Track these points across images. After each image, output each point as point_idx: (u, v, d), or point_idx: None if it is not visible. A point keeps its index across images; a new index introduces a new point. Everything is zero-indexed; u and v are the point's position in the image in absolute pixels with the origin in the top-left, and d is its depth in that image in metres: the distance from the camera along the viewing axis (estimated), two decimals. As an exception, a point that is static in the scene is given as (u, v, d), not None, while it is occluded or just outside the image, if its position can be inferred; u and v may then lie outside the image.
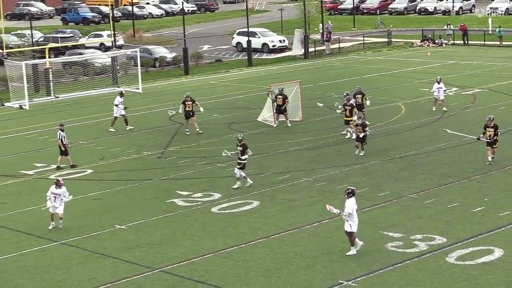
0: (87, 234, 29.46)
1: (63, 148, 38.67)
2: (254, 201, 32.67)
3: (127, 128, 47.13)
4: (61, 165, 38.86)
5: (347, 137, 41.68)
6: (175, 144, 43.16)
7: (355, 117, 40.85)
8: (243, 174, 34.20)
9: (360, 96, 45.19)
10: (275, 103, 46.00)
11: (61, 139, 38.54)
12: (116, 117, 47.31)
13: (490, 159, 36.65)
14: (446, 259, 25.69)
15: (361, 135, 37.10)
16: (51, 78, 61.45)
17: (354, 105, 42.47)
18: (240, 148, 34.06)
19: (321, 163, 38.07)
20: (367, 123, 39.99)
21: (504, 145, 39.63)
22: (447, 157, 38.12)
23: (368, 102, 41.16)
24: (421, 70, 66.56)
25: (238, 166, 34.16)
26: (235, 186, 34.19)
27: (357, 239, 26.19)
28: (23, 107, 56.75)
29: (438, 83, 48.88)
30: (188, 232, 29.36)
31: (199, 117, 45.73)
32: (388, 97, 54.35)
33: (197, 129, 44.94)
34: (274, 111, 46.19)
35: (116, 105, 47.25)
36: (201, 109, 46.01)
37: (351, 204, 25.95)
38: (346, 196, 26.23)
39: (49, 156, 40.89)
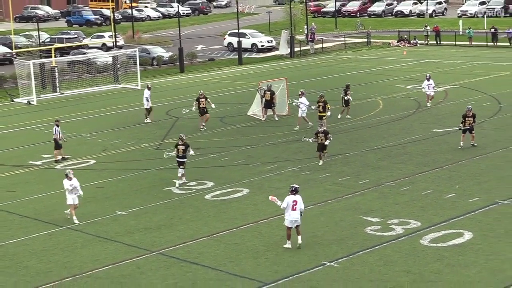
0: (90, 220, 29.45)
1: (59, 142, 38.53)
2: (244, 189, 32.68)
3: (145, 121, 47.48)
4: (66, 156, 38.78)
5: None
6: (171, 136, 43.08)
7: (328, 113, 40.90)
8: (182, 172, 33.40)
9: (348, 91, 45.63)
10: (263, 98, 46.01)
11: (56, 134, 38.42)
12: (147, 109, 47.71)
13: (462, 144, 37.27)
14: (420, 242, 25.75)
15: (326, 142, 34.73)
16: (56, 76, 61.42)
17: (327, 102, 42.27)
18: (183, 147, 33.23)
19: (306, 154, 38.05)
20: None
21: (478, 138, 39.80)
22: (421, 148, 38.19)
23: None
24: (397, 68, 66.64)
25: (181, 166, 33.33)
26: (176, 185, 33.23)
27: (290, 241, 25.51)
28: (31, 102, 56.67)
29: (428, 80, 48.82)
30: (184, 217, 29.36)
31: (194, 112, 45.63)
32: (367, 93, 54.40)
33: (202, 126, 44.57)
34: (263, 106, 46.22)
35: (146, 98, 47.45)
36: (213, 105, 45.71)
37: (287, 200, 25.37)
38: (289, 192, 25.64)
39: (55, 148, 40.88)
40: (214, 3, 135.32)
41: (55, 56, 65.44)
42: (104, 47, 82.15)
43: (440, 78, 58.64)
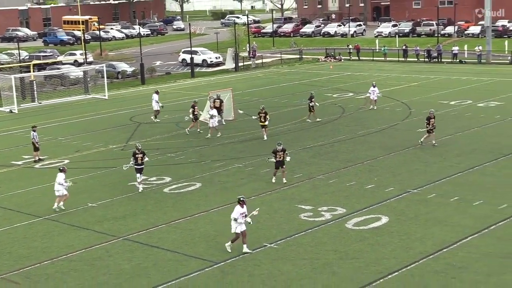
0: (65, 211, 29.14)
1: (36, 145, 38.09)
2: (197, 183, 32.59)
3: (155, 120, 48.13)
4: (41, 157, 38.36)
5: (265, 139, 40.59)
6: (134, 139, 42.78)
7: (266, 122, 40.54)
8: (141, 178, 31.86)
9: (313, 99, 45.83)
10: (213, 105, 45.88)
11: (34, 138, 37.99)
12: (156, 110, 48.32)
13: (421, 141, 37.62)
14: (346, 225, 25.95)
15: (288, 158, 31.83)
16: (35, 88, 60.77)
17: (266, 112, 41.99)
18: (141, 155, 31.65)
19: (249, 152, 38.11)
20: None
21: (389, 137, 40.18)
22: (346, 147, 38.47)
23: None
24: (325, 80, 67.01)
25: (138, 173, 31.68)
26: (139, 190, 31.63)
27: (232, 243, 23.84)
28: (13, 111, 55.84)
29: (374, 87, 49.78)
30: (145, 208, 29.20)
31: (158, 116, 45.32)
32: (300, 100, 54.56)
33: (199, 130, 43.89)
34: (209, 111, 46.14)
35: (156, 101, 48.25)
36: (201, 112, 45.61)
37: (236, 210, 23.57)
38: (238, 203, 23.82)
39: (34, 149, 40.34)
40: (174, 27, 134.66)
41: (33, 71, 64.66)
42: (76, 63, 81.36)
43: (361, 88, 59.17)
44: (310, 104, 45.81)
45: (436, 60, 79.35)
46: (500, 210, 27.01)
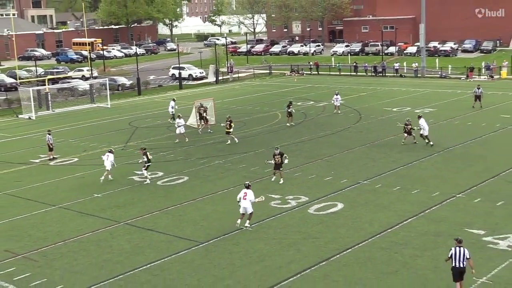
0: (75, 201, 28.95)
1: (51, 146, 37.89)
2: (185, 176, 32.49)
3: (171, 121, 47.98)
4: (55, 156, 38.06)
5: (228, 143, 39.96)
6: (133, 140, 42.58)
7: (231, 129, 39.71)
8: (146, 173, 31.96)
9: (291, 106, 45.89)
10: (198, 112, 45.83)
11: (49, 140, 37.82)
12: (173, 115, 48.37)
13: (404, 141, 37.59)
14: (308, 211, 26.02)
15: (286, 161, 30.50)
16: (49, 98, 60.33)
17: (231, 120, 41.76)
18: (145, 158, 31.51)
19: (228, 151, 38.05)
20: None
21: (344, 138, 40.27)
22: (308, 146, 38.54)
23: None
24: (291, 91, 67.05)
25: (144, 168, 31.76)
26: (147, 182, 31.65)
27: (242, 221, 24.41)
28: (31, 117, 55.34)
29: (336, 95, 50.15)
30: (142, 198, 29.06)
31: (149, 123, 45.04)
32: (269, 108, 54.62)
33: (209, 130, 44.21)
34: (198, 117, 46.01)
35: (172, 107, 49.10)
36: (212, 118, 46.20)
37: (240, 194, 24.21)
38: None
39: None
40: (168, 47, 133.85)
41: (48, 84, 64.06)
42: (83, 78, 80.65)
43: (320, 97, 59.34)
44: (289, 110, 45.71)
45: (381, 74, 79.73)
46: (433, 197, 27.24)
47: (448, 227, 23.36)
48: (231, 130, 40.07)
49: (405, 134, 37.81)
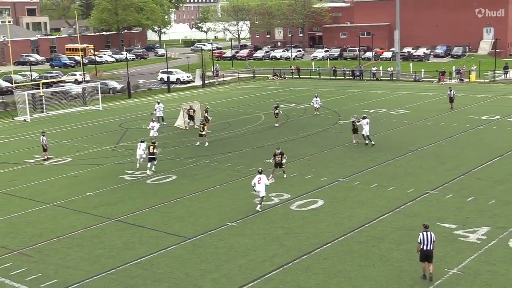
0: (68, 199, 28.75)
1: (45, 147, 37.64)
2: (173, 175, 32.38)
3: (163, 123, 47.53)
4: (49, 157, 37.79)
5: (196, 144, 39.53)
6: (123, 141, 42.39)
7: (203, 132, 39.31)
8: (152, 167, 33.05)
9: (278, 108, 46.26)
10: (187, 114, 45.74)
11: (43, 141, 37.57)
12: (158, 117, 47.60)
13: (354, 142, 37.88)
14: (290, 207, 26.02)
15: (284, 161, 30.52)
16: (44, 102, 59.89)
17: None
18: (155, 150, 32.78)
19: (214, 151, 37.97)
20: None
21: (323, 138, 40.36)
22: (290, 146, 38.51)
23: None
24: (273, 93, 67.11)
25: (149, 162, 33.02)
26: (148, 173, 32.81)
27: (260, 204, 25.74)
28: (26, 120, 54.93)
29: (316, 97, 50.49)
30: (132, 196, 28.90)
31: (139, 124, 44.75)
32: (253, 110, 54.60)
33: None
34: (185, 119, 45.89)
35: (159, 110, 48.28)
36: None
37: (255, 178, 25.61)
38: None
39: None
40: (159, 53, 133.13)
41: (42, 88, 63.61)
42: (76, 82, 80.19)
43: (301, 99, 59.42)
44: (275, 112, 45.83)
45: (359, 78, 79.97)
46: (408, 193, 27.37)
47: (422, 222, 23.26)
48: (204, 132, 39.42)
49: (353, 134, 38.20)
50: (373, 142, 37.37)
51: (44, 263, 21.12)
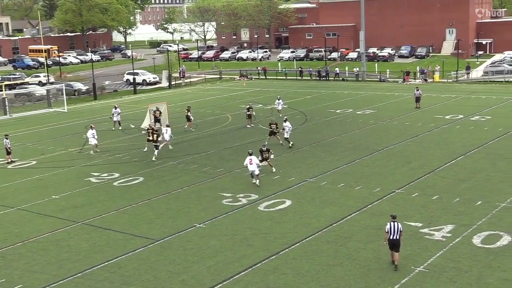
0: (33, 202, 28.31)
1: (8, 150, 37.07)
2: (140, 177, 32.13)
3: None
4: (13, 160, 37.18)
5: (144, 150, 38.38)
6: (89, 144, 41.90)
7: (151, 138, 37.82)
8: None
9: (251, 109, 46.33)
10: (153, 116, 45.42)
11: (6, 144, 36.98)
12: (115, 121, 47.09)
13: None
14: (258, 208, 26.03)
15: (271, 156, 31.67)
16: (7, 104, 58.95)
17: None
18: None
19: (181, 152, 37.80)
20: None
21: (291, 138, 40.43)
22: (258, 147, 38.49)
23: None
24: (240, 94, 67.15)
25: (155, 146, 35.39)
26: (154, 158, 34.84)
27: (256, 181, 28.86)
28: (-11, 122, 54.03)
29: (278, 99, 50.57)
30: (99, 198, 28.60)
31: (107, 126, 44.29)
32: (220, 111, 54.54)
33: (192, 128, 44.97)
34: (152, 120, 45.55)
35: (117, 114, 47.15)
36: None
37: (246, 160, 29.20)
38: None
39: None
40: (127, 54, 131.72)
41: (5, 90, 62.54)
42: (40, 83, 79.11)
43: (268, 100, 59.53)
44: (248, 113, 45.87)
45: (325, 78, 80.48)
46: (375, 193, 27.63)
47: (389, 221, 23.69)
48: (151, 138, 37.24)
49: (268, 136, 38.57)
50: (291, 143, 37.67)
51: (9, 268, 20.75)
